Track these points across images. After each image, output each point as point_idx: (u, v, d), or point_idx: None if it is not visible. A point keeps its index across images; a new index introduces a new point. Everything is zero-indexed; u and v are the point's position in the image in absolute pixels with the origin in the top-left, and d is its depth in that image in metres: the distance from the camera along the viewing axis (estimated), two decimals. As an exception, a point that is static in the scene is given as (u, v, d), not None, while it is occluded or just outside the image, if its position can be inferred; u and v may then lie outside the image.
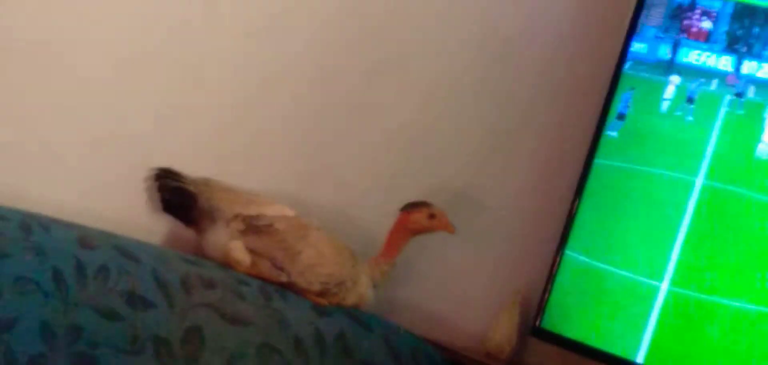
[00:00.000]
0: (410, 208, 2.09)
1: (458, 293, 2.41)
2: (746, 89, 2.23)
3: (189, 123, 2.09)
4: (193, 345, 1.77)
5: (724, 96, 2.24)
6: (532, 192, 2.46)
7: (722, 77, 2.25)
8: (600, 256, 2.26)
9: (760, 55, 2.22)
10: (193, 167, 1.97)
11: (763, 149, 2.18)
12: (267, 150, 2.19)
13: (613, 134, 2.31)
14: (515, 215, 2.45)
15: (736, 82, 2.23)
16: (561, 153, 2.46)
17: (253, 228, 1.96)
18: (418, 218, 2.09)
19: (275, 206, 2.01)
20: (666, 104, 2.30)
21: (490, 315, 2.39)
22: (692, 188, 2.21)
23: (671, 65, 2.30)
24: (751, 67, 2.23)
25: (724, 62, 2.26)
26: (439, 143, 2.37)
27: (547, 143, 2.47)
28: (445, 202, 2.16)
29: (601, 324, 2.22)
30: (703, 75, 2.27)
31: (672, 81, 2.30)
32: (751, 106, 2.22)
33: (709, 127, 2.24)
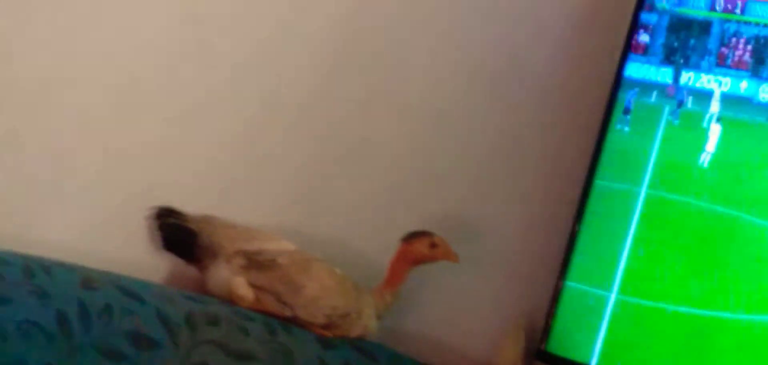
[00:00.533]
0: (411, 238, 2.08)
1: (462, 320, 2.40)
2: (685, 99, 2.27)
3: (188, 160, 2.10)
4: (199, 382, 1.77)
5: (665, 107, 2.29)
6: (532, 217, 2.46)
7: (662, 88, 2.30)
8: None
9: (697, 65, 2.28)
10: (193, 204, 1.97)
11: (706, 158, 2.22)
12: (266, 185, 2.19)
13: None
14: (516, 241, 2.44)
15: (674, 92, 2.28)
16: (560, 176, 2.47)
17: (255, 264, 1.95)
18: (420, 248, 2.08)
19: (277, 241, 2.00)
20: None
21: (494, 341, 2.38)
22: (637, 198, 2.26)
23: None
24: (688, 78, 2.28)
25: (663, 74, 2.31)
26: (439, 172, 2.36)
27: (545, 168, 2.47)
28: (446, 230, 2.16)
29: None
30: (646, 87, 2.32)
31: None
32: (691, 116, 2.27)
33: (651, 137, 2.28)
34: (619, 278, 2.23)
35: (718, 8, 2.29)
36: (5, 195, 1.97)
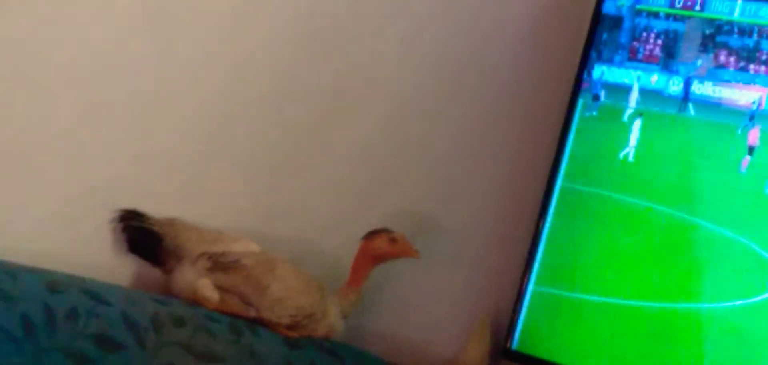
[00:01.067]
0: (371, 235, 2.10)
1: (428, 318, 2.42)
2: (600, 93, 2.34)
3: (151, 164, 2.09)
4: (166, 384, 1.78)
5: (579, 101, 2.34)
6: (496, 213, 2.47)
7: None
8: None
9: (610, 59, 2.34)
10: (156, 206, 1.98)
11: (629, 152, 2.28)
12: (228, 185, 2.19)
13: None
14: (480, 237, 2.45)
15: (586, 85, 2.33)
16: (523, 173, 2.48)
17: (220, 265, 1.96)
18: (380, 245, 2.09)
19: (241, 242, 2.01)
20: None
21: (460, 339, 2.39)
22: (553, 190, 2.32)
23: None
24: (601, 72, 2.34)
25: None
26: (402, 169, 2.38)
27: (507, 164, 2.48)
28: (410, 228, 2.17)
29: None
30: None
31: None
32: (606, 109, 2.34)
33: (567, 129, 2.34)
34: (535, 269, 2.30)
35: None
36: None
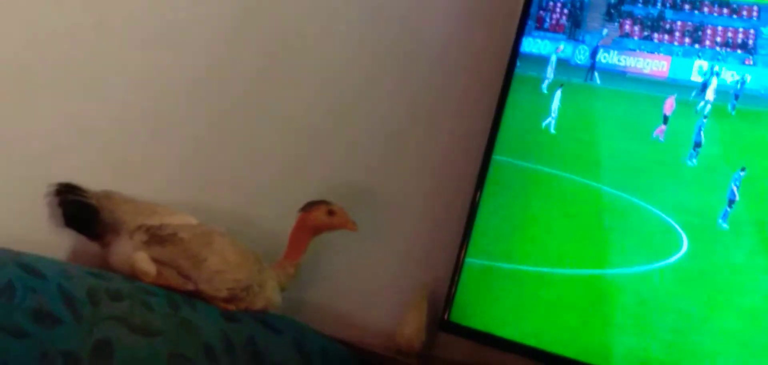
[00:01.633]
0: (309, 207, 2.11)
1: (366, 291, 2.44)
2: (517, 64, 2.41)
3: (86, 137, 2.08)
4: (103, 358, 1.76)
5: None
6: (432, 186, 2.50)
7: None
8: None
9: (530, 32, 2.41)
10: (92, 181, 1.97)
11: (550, 122, 2.34)
12: (165, 159, 2.18)
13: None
14: (417, 211, 2.48)
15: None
16: (459, 147, 2.50)
17: (156, 238, 1.96)
18: (317, 216, 2.10)
19: (178, 215, 2.01)
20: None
21: (398, 311, 2.41)
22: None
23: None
24: (528, 44, 2.41)
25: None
26: (339, 143, 2.39)
27: (445, 137, 2.50)
28: (347, 201, 2.18)
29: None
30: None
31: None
32: (525, 80, 2.40)
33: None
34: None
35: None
36: None
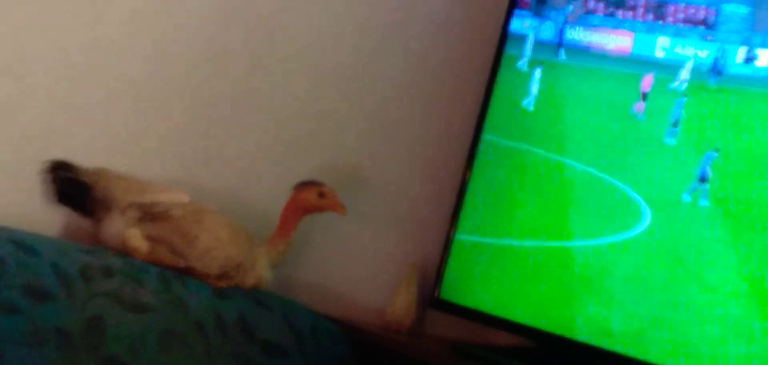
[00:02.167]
0: (301, 187, 2.11)
1: (356, 269, 2.44)
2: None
3: (80, 115, 2.08)
4: (95, 334, 1.77)
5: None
6: (424, 166, 2.50)
7: None
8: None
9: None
10: (85, 157, 1.97)
11: (529, 101, 2.35)
12: (158, 137, 2.18)
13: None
14: (408, 190, 2.48)
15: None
16: (448, 128, 2.50)
17: (149, 216, 1.96)
18: (308, 197, 2.10)
19: (170, 193, 2.01)
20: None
21: (388, 289, 2.42)
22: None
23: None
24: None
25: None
26: (331, 122, 2.39)
27: (435, 118, 2.51)
28: (338, 180, 2.19)
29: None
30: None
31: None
32: (508, 58, 2.41)
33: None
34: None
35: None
36: None
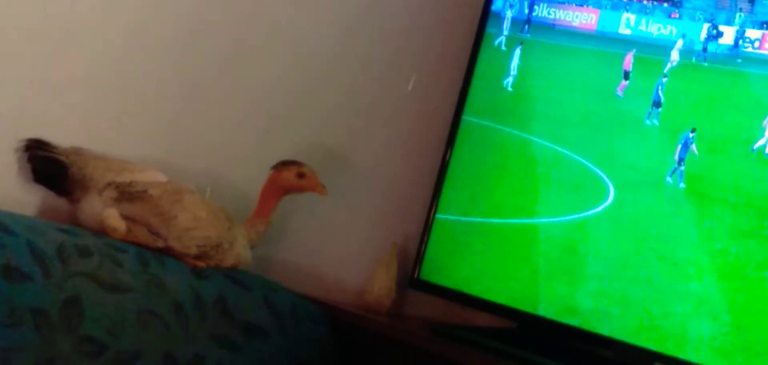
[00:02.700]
0: (280, 167, 2.11)
1: (336, 249, 2.44)
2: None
3: (57, 92, 2.06)
4: (72, 314, 1.76)
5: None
6: (404, 146, 2.50)
7: None
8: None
9: None
10: (62, 137, 1.96)
11: (509, 81, 2.37)
12: (135, 117, 2.17)
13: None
14: (387, 171, 2.49)
15: None
16: (428, 107, 2.50)
17: (126, 195, 1.95)
18: (288, 177, 2.10)
19: (148, 172, 2.00)
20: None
21: (368, 270, 2.43)
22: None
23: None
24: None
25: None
26: (310, 103, 2.38)
27: (416, 96, 2.51)
28: (318, 160, 2.18)
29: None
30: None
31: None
32: (488, 36, 2.42)
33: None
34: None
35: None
36: None
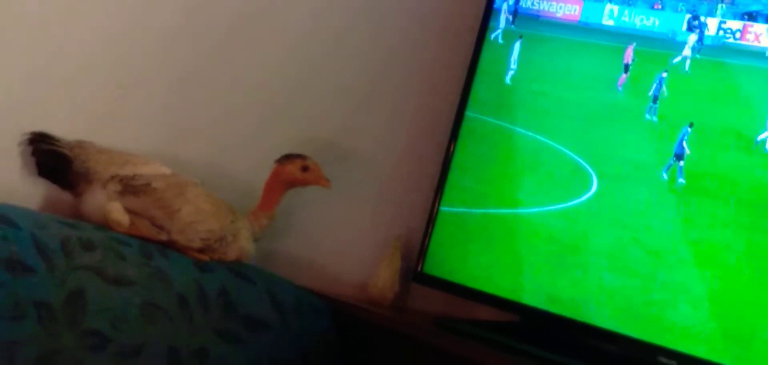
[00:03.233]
0: (285, 160, 2.10)
1: (339, 243, 2.44)
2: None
3: (59, 86, 2.07)
4: (76, 308, 1.76)
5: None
6: (408, 139, 2.50)
7: None
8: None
9: None
10: (66, 131, 1.96)
11: (511, 75, 2.36)
12: (139, 109, 2.17)
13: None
14: (391, 164, 2.48)
15: None
16: (433, 100, 2.50)
17: (130, 188, 1.95)
18: (292, 171, 2.10)
19: (151, 165, 2.00)
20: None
21: (372, 263, 2.43)
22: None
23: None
24: None
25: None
26: (314, 96, 2.38)
27: (419, 90, 2.51)
28: (323, 153, 2.18)
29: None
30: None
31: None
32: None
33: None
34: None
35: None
36: None
